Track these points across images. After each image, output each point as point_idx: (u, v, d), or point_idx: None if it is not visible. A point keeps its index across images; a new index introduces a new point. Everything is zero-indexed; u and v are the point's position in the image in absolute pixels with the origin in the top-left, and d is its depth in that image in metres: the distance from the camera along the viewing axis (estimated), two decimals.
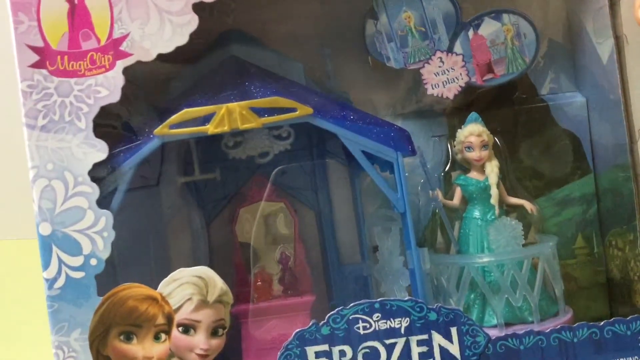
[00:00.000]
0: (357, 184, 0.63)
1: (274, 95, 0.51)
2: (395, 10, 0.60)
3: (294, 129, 0.57)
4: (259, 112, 0.50)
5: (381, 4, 0.60)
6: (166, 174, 0.59)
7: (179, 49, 0.50)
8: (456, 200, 0.59)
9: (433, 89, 0.60)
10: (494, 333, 0.51)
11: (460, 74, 0.60)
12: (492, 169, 0.58)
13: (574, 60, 0.65)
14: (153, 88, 0.58)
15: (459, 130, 0.59)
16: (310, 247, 0.63)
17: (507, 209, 0.59)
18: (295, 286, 0.60)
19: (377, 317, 0.48)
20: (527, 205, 0.58)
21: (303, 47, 0.63)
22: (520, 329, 0.50)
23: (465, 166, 0.60)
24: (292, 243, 0.61)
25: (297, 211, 0.62)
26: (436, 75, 0.60)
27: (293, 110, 0.51)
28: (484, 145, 0.58)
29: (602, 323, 0.49)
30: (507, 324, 0.55)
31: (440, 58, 0.60)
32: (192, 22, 0.50)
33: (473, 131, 0.58)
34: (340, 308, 0.49)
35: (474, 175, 0.59)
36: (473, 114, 0.59)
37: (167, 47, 0.50)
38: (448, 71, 0.60)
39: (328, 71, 0.63)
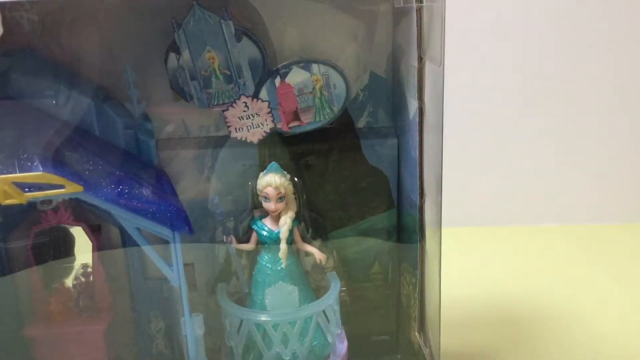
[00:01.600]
0: None
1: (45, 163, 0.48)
2: (198, 49, 0.56)
3: None
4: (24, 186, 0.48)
5: (183, 40, 0.55)
6: None
7: None
8: (252, 244, 0.60)
9: (237, 132, 0.59)
10: None
11: (266, 120, 0.58)
12: (286, 221, 0.58)
13: (393, 96, 0.64)
14: None
15: (260, 174, 0.59)
16: (114, 263, 0.64)
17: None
18: (93, 307, 0.62)
19: None
20: (317, 255, 0.60)
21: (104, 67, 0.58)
22: None
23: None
24: (91, 264, 0.62)
25: (100, 227, 0.63)
26: (240, 120, 0.58)
27: (61, 186, 0.48)
28: (280, 197, 0.58)
29: None
30: None
31: (245, 103, 0.57)
32: None
33: (270, 182, 0.58)
34: None
35: (268, 222, 0.59)
36: (273, 164, 0.58)
37: None
38: (253, 116, 0.58)
39: (131, 93, 0.59)
